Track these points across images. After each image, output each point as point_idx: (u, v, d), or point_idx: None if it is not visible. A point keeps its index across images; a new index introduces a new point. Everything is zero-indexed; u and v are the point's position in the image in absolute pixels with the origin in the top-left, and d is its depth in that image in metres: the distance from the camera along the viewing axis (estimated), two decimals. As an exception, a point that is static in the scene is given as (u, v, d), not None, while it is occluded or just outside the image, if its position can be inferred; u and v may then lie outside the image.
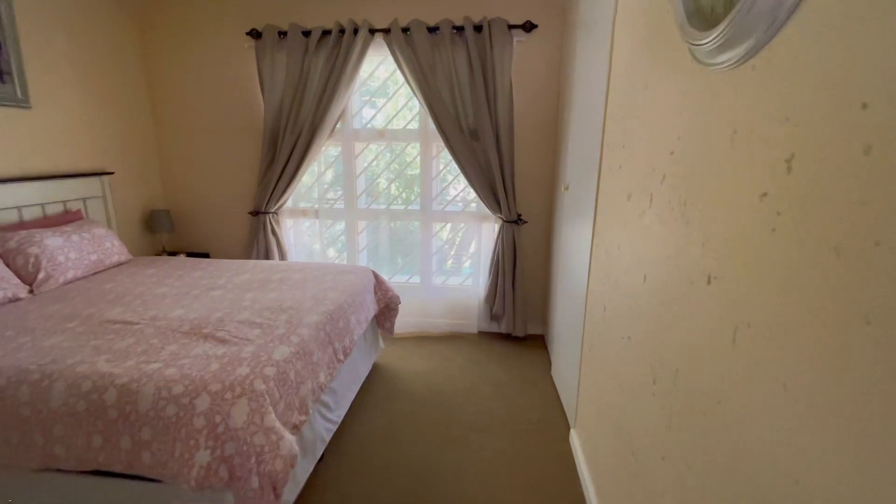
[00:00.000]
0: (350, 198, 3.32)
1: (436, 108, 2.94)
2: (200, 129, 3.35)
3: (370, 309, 2.56)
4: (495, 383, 2.69)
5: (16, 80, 2.37)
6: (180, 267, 2.66)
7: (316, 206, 3.40)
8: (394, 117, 3.26)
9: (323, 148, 3.21)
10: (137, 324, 1.82)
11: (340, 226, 3.47)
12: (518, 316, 3.19)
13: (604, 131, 1.68)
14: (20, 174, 2.43)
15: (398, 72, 3.05)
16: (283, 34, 3.01)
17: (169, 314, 1.93)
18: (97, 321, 1.84)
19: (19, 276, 2.17)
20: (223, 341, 1.68)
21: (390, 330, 2.88)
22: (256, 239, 3.28)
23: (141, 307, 2.01)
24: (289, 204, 3.39)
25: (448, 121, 2.96)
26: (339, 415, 2.15)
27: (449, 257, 3.54)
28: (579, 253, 2.08)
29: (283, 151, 3.12)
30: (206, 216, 3.52)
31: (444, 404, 2.47)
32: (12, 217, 2.39)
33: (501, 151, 2.99)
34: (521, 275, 3.16)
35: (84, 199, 2.79)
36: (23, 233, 2.23)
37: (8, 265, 2.15)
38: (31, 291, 2.17)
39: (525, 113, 3.04)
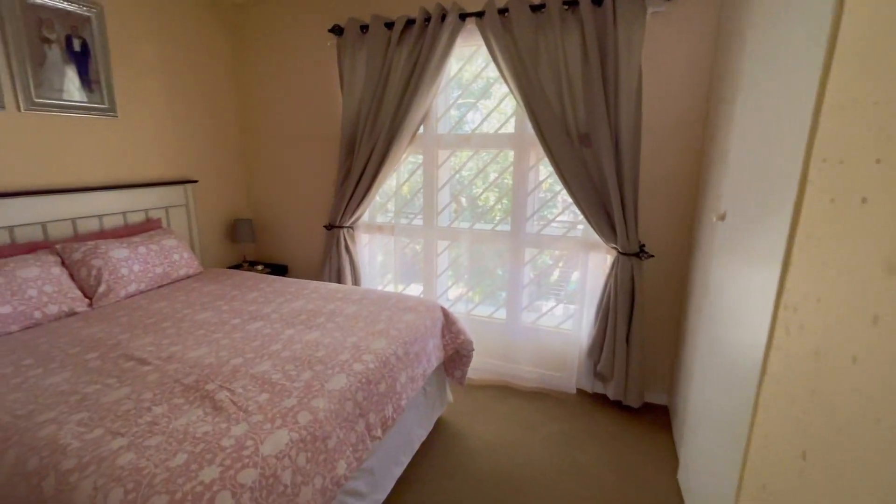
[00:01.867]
0: (429, 214, 2.85)
1: (536, 106, 2.32)
2: (283, 136, 3.19)
3: (433, 358, 2.04)
4: (592, 477, 1.97)
5: (104, 89, 2.37)
6: (241, 285, 2.44)
7: (392, 221, 3.00)
8: (484, 120, 2.71)
9: (403, 156, 2.80)
10: (149, 364, 1.55)
11: (419, 245, 3.02)
12: (632, 380, 2.40)
13: (813, 139, 0.91)
14: (104, 183, 2.43)
15: (491, 65, 2.49)
16: (364, 28, 2.66)
17: (188, 353, 1.63)
18: (116, 354, 1.62)
19: (81, 289, 2.11)
20: (218, 409, 1.29)
21: (460, 380, 2.33)
22: (329, 255, 2.99)
23: (168, 339, 1.76)
24: (365, 218, 3.05)
25: (551, 122, 2.31)
26: (376, 500, 1.67)
27: (543, 292, 2.86)
28: (748, 309, 1.30)
29: (359, 160, 2.77)
30: (286, 227, 3.37)
31: (515, 498, 1.83)
32: (93, 225, 2.39)
33: (621, 162, 2.24)
34: (641, 325, 2.36)
35: (166, 208, 2.76)
36: (90, 244, 2.18)
37: (72, 277, 2.10)
38: (90, 305, 2.09)
39: (657, 111, 2.25)
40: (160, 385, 1.42)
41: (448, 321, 2.23)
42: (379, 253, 3.15)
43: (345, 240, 2.96)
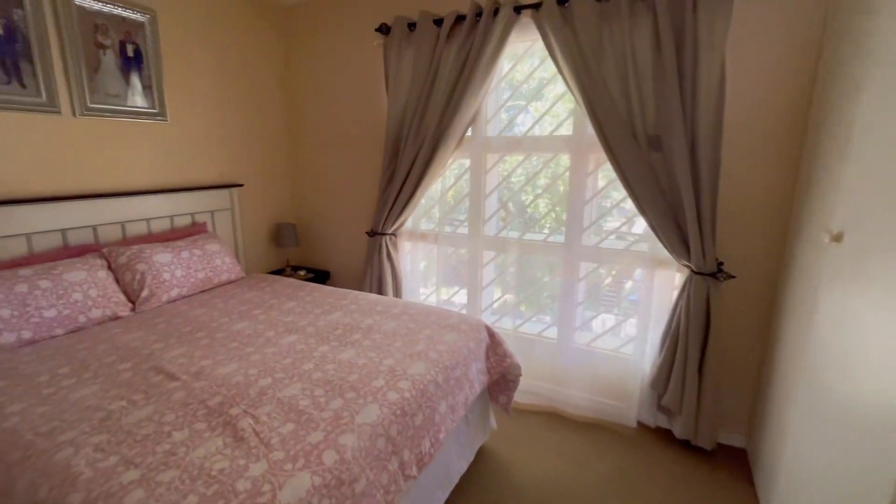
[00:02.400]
0: (476, 221, 2.66)
1: (598, 106, 2.08)
2: (327, 140, 3.13)
3: (476, 384, 1.85)
4: (658, 535, 1.70)
5: (155, 93, 2.38)
6: (280, 293, 2.37)
7: (436, 229, 2.84)
8: (536, 122, 2.49)
9: (449, 160, 2.63)
10: (177, 380, 1.47)
11: (463, 253, 2.84)
12: (704, 417, 2.09)
13: None
14: (152, 186, 2.44)
15: (545, 64, 2.28)
16: (412, 26, 2.53)
17: (217, 369, 1.54)
18: (148, 366, 1.56)
19: (126, 293, 2.11)
20: (239, 440, 1.18)
21: (506, 406, 2.12)
22: (371, 263, 2.88)
23: (200, 351, 1.69)
24: (408, 225, 2.91)
25: (615, 123, 2.06)
26: (408, 542, 1.50)
27: (600, 312, 2.59)
28: (885, 352, 1.01)
29: (404, 164, 2.64)
30: (329, 232, 3.30)
31: (569, 557, 1.61)
32: (141, 229, 2.41)
33: (698, 168, 1.95)
34: (717, 355, 2.05)
35: (212, 212, 2.76)
36: (134, 248, 2.18)
37: (117, 281, 2.10)
38: (133, 310, 2.08)
39: (742, 111, 1.95)
40: (184, 406, 1.33)
41: (493, 342, 2.03)
42: (422, 262, 3.00)
43: (387, 247, 2.84)
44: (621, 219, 2.49)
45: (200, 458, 1.11)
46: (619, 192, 2.36)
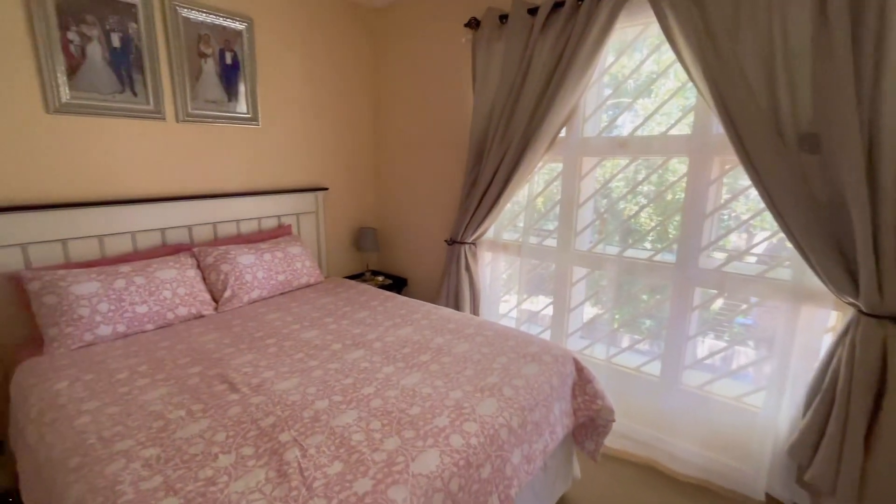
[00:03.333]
0: (566, 233, 2.35)
1: (730, 96, 1.67)
2: (411, 143, 3.03)
3: (558, 428, 1.57)
4: None
5: (249, 99, 2.45)
6: (354, 300, 2.30)
7: (520, 239, 2.57)
8: (645, 120, 2.11)
9: (539, 163, 2.36)
10: (237, 392, 1.41)
11: (550, 268, 2.54)
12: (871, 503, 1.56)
13: None
14: (242, 189, 2.52)
15: (657, 53, 1.91)
16: (504, 18, 2.31)
17: (277, 384, 1.46)
18: (214, 373, 1.54)
19: (211, 292, 2.17)
20: (282, 476, 1.05)
21: (593, 454, 1.80)
22: (448, 273, 2.71)
23: (266, 360, 1.63)
24: (489, 234, 2.69)
25: (752, 118, 1.63)
26: None
27: (721, 349, 2.12)
28: None
29: (488, 168, 2.42)
30: (409, 239, 3.21)
31: None
32: (231, 230, 2.49)
33: (876, 175, 1.46)
34: (894, 427, 1.52)
35: (297, 215, 2.80)
36: (221, 248, 2.24)
37: (205, 280, 2.17)
38: (216, 309, 2.14)
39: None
40: (237, 424, 1.25)
41: (582, 378, 1.72)
42: (503, 275, 2.76)
43: (466, 257, 2.64)
44: (754, 237, 2.01)
45: (238, 493, 0.99)
46: (752, 204, 1.90)
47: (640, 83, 2.18)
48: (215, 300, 2.16)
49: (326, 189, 2.93)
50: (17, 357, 1.70)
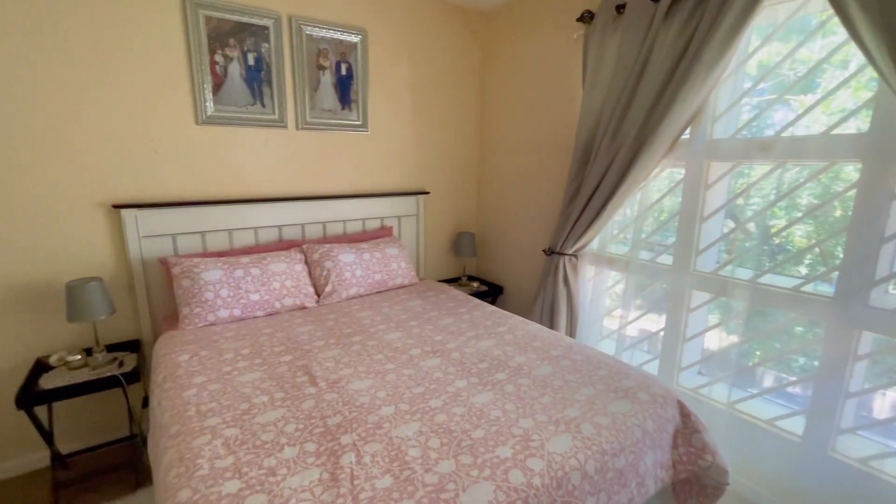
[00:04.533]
0: (685, 250, 2.02)
1: (932, 80, 1.24)
2: (515, 148, 2.92)
3: (650, 481, 1.33)
4: None
5: (360, 106, 2.60)
6: (442, 305, 2.29)
7: (629, 255, 2.28)
8: (803, 115, 1.69)
9: (655, 169, 2.07)
10: (315, 386, 1.48)
11: (663, 290, 2.21)
12: None
13: None
14: (351, 191, 2.69)
15: (822, 33, 1.50)
16: (621, 8, 2.07)
17: (352, 383, 1.50)
18: (300, 364, 1.64)
19: (315, 286, 2.34)
20: (334, 480, 1.05)
21: (699, 519, 1.49)
22: (544, 285, 2.54)
23: (348, 357, 1.69)
24: (593, 246, 2.45)
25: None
26: None
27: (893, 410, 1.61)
28: None
29: (594, 173, 2.21)
30: (507, 245, 3.10)
31: None
32: (338, 229, 2.67)
33: None
34: None
35: (399, 217, 2.89)
36: (326, 246, 2.41)
37: (310, 275, 2.35)
38: (318, 302, 2.30)
39: None
40: (308, 418, 1.30)
41: (688, 426, 1.44)
42: (606, 293, 2.49)
43: (564, 270, 2.45)
44: (963, 271, 1.48)
45: (291, 489, 1.02)
46: (965, 227, 1.40)
47: (795, 72, 1.77)
48: (318, 294, 2.33)
49: (427, 193, 2.98)
50: (163, 328, 2.03)
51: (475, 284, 3.07)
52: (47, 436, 1.81)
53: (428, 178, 3.00)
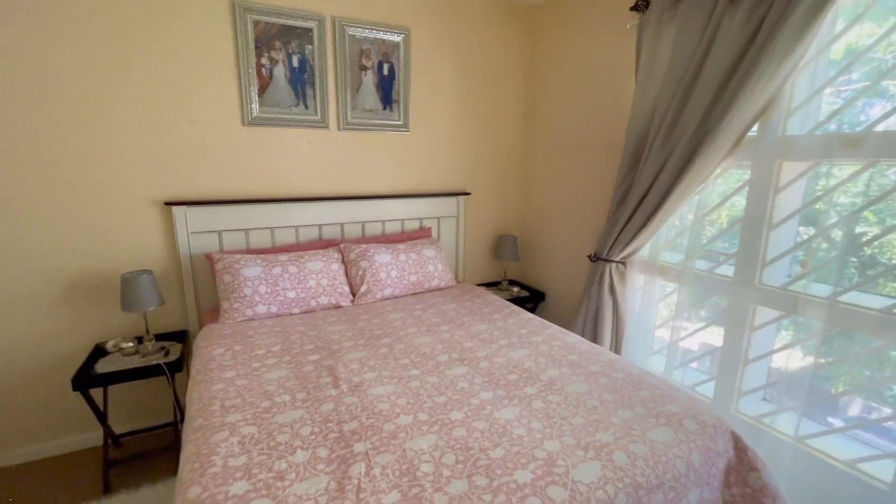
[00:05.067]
0: (749, 261, 1.80)
1: None
2: (561, 147, 2.77)
3: (695, 521, 1.17)
4: None
5: (401, 106, 2.58)
6: (477, 310, 2.21)
7: (683, 264, 2.07)
8: (902, 104, 1.43)
9: (716, 170, 1.86)
10: (337, 388, 1.46)
11: (722, 304, 1.98)
12: None
13: None
14: (390, 192, 2.67)
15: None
16: (681, -9, 1.89)
17: (373, 388, 1.46)
18: (326, 364, 1.63)
19: (350, 286, 2.35)
20: (340, 490, 1.01)
21: (755, 569, 1.30)
22: (589, 293, 2.38)
23: (373, 361, 1.66)
24: (643, 253, 2.26)
25: None
26: None
27: None
28: None
29: (645, 174, 2.03)
30: (550, 249, 2.95)
31: None
32: (377, 229, 2.67)
33: None
34: None
35: (439, 218, 2.84)
36: (363, 246, 2.41)
37: (346, 274, 2.36)
38: (353, 301, 2.30)
39: None
40: (324, 422, 1.27)
41: (744, 462, 1.26)
42: (656, 304, 2.28)
43: (611, 277, 2.28)
44: None
45: (296, 496, 0.99)
46: None
47: (894, 55, 1.51)
48: (353, 293, 2.33)
49: (469, 194, 2.91)
50: (206, 321, 2.11)
51: (515, 289, 2.96)
52: (101, 416, 1.94)
53: (469, 179, 2.93)
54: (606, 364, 1.65)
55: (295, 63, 2.26)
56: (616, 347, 2.31)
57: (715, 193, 1.99)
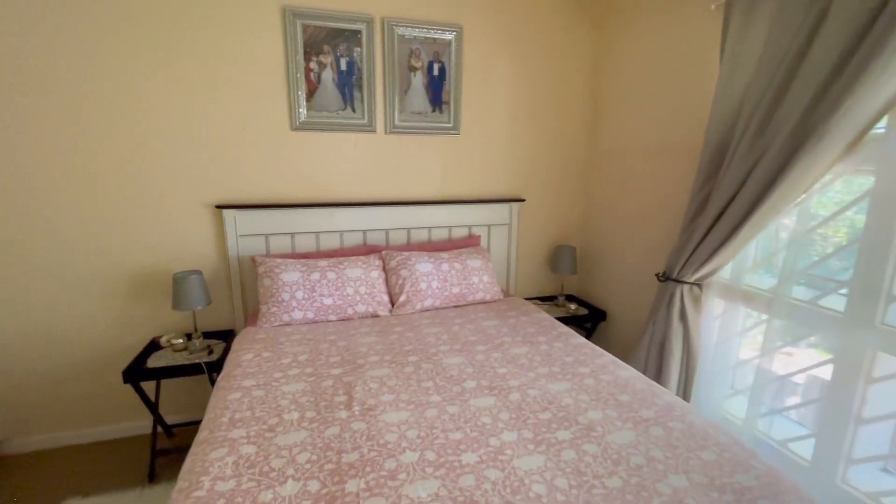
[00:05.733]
0: (868, 293, 1.40)
1: None
2: (632, 150, 2.45)
3: None
4: None
5: (451, 108, 2.45)
6: (520, 330, 2.01)
7: (775, 290, 1.69)
8: None
9: (825, 177, 1.49)
10: (348, 410, 1.36)
11: (826, 345, 1.58)
12: None
13: None
14: (438, 197, 2.55)
15: None
16: (782, -43, 1.53)
17: (386, 414, 1.34)
18: (345, 382, 1.54)
19: (390, 295, 2.26)
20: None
21: None
22: (655, 318, 2.07)
23: (394, 381, 1.54)
24: (724, 274, 1.90)
25: None
26: None
27: None
28: None
29: (727, 182, 1.70)
30: (614, 264, 2.64)
31: None
32: (422, 236, 2.56)
33: None
34: None
35: (489, 226, 2.67)
36: (404, 254, 2.31)
37: (387, 282, 2.28)
38: (391, 311, 2.22)
39: None
40: (325, 449, 1.17)
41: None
42: (738, 339, 1.90)
43: (682, 301, 1.95)
44: None
45: (269, 540, 0.89)
46: None
47: None
48: (392, 303, 2.25)
49: (523, 200, 2.69)
50: (249, 322, 2.14)
51: (573, 306, 2.68)
52: (151, 406, 2.05)
53: (524, 184, 2.72)
54: (664, 409, 1.37)
55: (343, 66, 2.23)
56: (685, 385, 1.97)
57: (822, 205, 1.60)
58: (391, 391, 1.48)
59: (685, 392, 1.98)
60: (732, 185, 1.68)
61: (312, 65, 2.18)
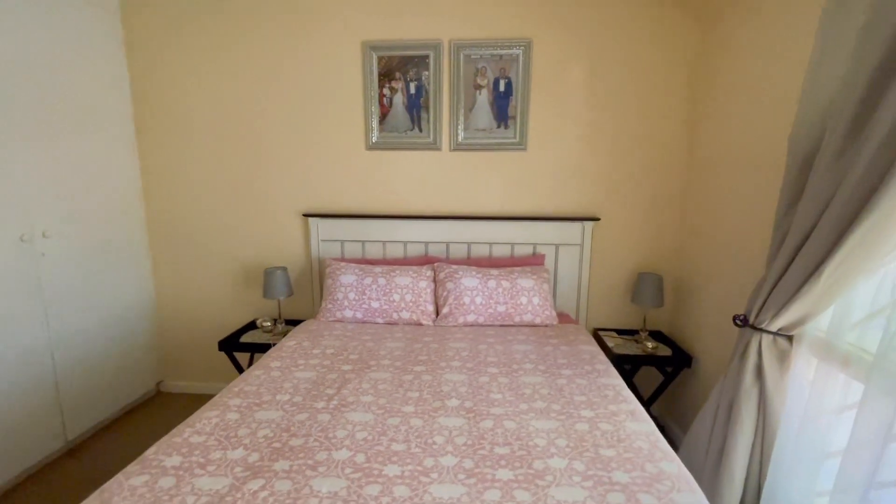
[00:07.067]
0: None
1: None
2: (729, 164, 2.01)
3: None
4: None
5: (517, 123, 2.40)
6: (548, 359, 1.85)
7: (880, 352, 1.17)
8: None
9: (961, 200, 1.01)
10: (323, 401, 1.48)
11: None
12: None
13: None
14: (501, 213, 2.52)
15: None
16: None
17: (352, 414, 1.42)
18: (349, 389, 1.66)
19: (437, 306, 2.33)
20: None
21: None
22: (727, 373, 1.66)
23: (386, 385, 1.61)
24: (822, 324, 1.41)
25: None
26: None
27: None
28: None
29: (809, 201, 1.29)
30: (705, 300, 2.18)
31: None
32: (483, 251, 2.55)
33: None
34: None
35: (557, 245, 2.50)
36: (454, 267, 2.34)
37: (434, 292, 2.35)
38: (434, 321, 2.28)
39: None
40: (284, 430, 1.32)
41: None
42: (834, 412, 1.37)
43: (759, 355, 1.52)
44: None
45: (195, 491, 1.07)
46: None
47: None
48: (437, 314, 2.31)
49: (598, 219, 2.45)
50: (315, 316, 2.47)
51: (651, 345, 2.30)
52: (241, 371, 2.53)
53: (599, 202, 2.47)
54: (647, 478, 1.11)
55: (412, 90, 2.42)
56: (760, 468, 1.52)
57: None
58: (375, 394, 1.55)
59: (759, 479, 1.53)
60: (815, 205, 1.26)
61: (385, 90, 2.43)
